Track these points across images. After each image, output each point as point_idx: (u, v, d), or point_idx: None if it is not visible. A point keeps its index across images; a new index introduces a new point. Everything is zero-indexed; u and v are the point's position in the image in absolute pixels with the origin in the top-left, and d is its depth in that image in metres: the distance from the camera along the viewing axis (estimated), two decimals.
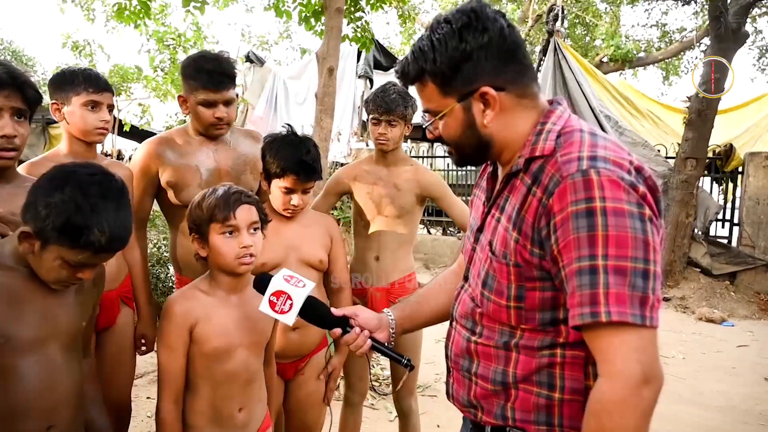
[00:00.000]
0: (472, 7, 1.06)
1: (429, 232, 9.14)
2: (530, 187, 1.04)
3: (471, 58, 1.04)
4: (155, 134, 2.22)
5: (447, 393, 1.28)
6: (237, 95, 2.20)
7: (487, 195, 1.22)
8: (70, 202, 1.12)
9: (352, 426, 2.56)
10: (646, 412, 0.91)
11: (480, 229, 1.20)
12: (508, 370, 1.10)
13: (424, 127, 1.21)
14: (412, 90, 1.21)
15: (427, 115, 1.16)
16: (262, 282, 1.37)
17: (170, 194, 2.14)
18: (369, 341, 1.35)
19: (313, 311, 1.37)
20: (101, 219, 1.14)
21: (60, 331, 1.29)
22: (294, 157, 1.84)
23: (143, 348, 2.19)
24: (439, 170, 8.65)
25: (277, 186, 1.88)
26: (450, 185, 2.61)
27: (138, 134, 12.90)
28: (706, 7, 7.20)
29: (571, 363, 1.05)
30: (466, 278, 1.26)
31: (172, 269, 4.63)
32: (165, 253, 4.45)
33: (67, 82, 1.91)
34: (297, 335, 1.94)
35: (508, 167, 1.12)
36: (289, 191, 1.88)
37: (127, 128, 11.79)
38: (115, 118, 12.19)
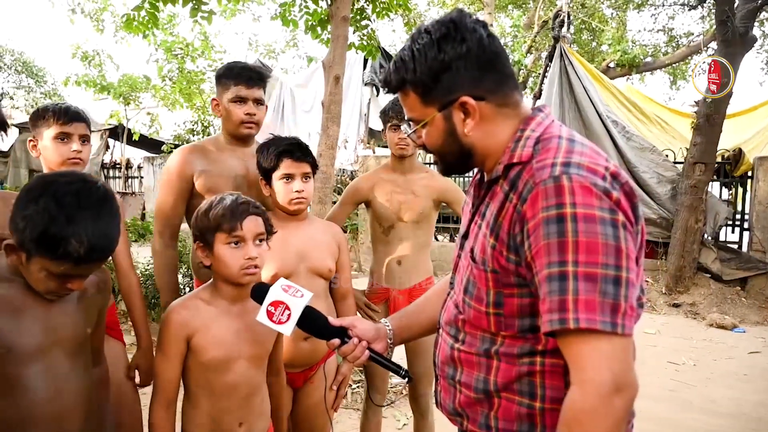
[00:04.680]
0: (452, 17, 1.07)
1: (436, 238, 9.13)
2: (507, 193, 1.05)
3: (450, 68, 1.05)
4: (164, 143, 2.26)
5: (435, 401, 1.29)
6: (266, 106, 2.28)
7: (473, 202, 1.23)
8: (44, 213, 1.10)
9: (375, 427, 2.63)
10: (617, 421, 0.90)
11: (465, 236, 1.21)
12: (489, 377, 1.10)
13: (407, 135, 1.23)
14: None
15: (411, 123, 1.18)
16: (260, 292, 1.37)
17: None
18: (367, 352, 1.36)
19: (311, 322, 1.36)
20: (78, 229, 1.11)
21: (63, 338, 1.29)
22: (284, 141, 1.94)
23: (138, 379, 2.08)
24: (452, 176, 8.63)
25: (277, 178, 1.93)
26: (465, 191, 2.69)
27: (147, 143, 13.01)
28: (713, 11, 7.18)
29: (550, 372, 1.04)
30: (453, 285, 1.26)
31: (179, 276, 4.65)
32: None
33: (39, 117, 1.94)
34: (308, 344, 1.95)
35: (490, 174, 1.13)
36: (288, 178, 1.92)
37: (136, 137, 11.89)
38: (123, 127, 12.30)
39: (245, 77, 2.15)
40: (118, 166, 13.42)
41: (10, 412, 1.21)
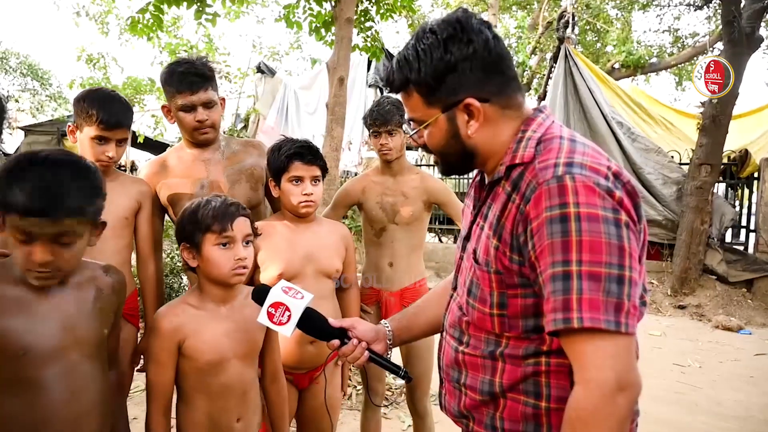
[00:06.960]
0: (458, 17, 1.06)
1: (440, 240, 9.12)
2: (510, 194, 1.05)
3: (456, 69, 1.05)
4: (168, 145, 2.26)
5: (440, 404, 1.29)
6: (223, 99, 2.18)
7: (474, 203, 1.22)
8: (2, 171, 1.14)
9: (374, 428, 2.63)
10: (620, 420, 0.90)
11: (467, 238, 1.21)
12: (495, 379, 1.10)
13: (409, 135, 1.22)
14: None
15: (412, 123, 1.17)
16: (260, 293, 1.38)
17: (170, 211, 2.15)
18: (366, 353, 1.36)
19: (311, 323, 1.37)
20: (26, 176, 1.13)
21: (80, 339, 1.29)
22: (294, 144, 1.93)
23: (141, 364, 2.08)
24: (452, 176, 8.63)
25: (287, 180, 1.93)
26: (457, 193, 2.68)
27: (151, 145, 13.05)
28: (719, 11, 7.15)
29: (556, 371, 1.04)
30: (455, 287, 1.26)
31: (185, 279, 4.67)
32: (179, 263, 4.48)
33: (84, 111, 1.91)
34: (313, 348, 1.95)
35: (492, 175, 1.13)
36: (297, 181, 1.92)
37: (140, 139, 11.93)
38: None
39: (187, 83, 2.02)
40: (122, 168, 13.49)
41: (27, 414, 1.22)
